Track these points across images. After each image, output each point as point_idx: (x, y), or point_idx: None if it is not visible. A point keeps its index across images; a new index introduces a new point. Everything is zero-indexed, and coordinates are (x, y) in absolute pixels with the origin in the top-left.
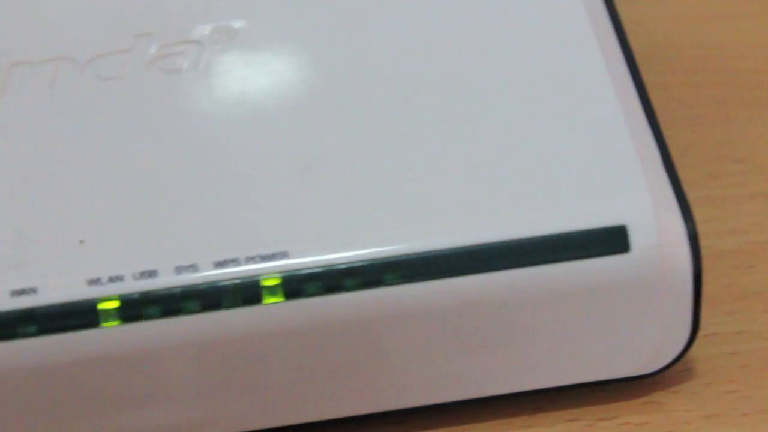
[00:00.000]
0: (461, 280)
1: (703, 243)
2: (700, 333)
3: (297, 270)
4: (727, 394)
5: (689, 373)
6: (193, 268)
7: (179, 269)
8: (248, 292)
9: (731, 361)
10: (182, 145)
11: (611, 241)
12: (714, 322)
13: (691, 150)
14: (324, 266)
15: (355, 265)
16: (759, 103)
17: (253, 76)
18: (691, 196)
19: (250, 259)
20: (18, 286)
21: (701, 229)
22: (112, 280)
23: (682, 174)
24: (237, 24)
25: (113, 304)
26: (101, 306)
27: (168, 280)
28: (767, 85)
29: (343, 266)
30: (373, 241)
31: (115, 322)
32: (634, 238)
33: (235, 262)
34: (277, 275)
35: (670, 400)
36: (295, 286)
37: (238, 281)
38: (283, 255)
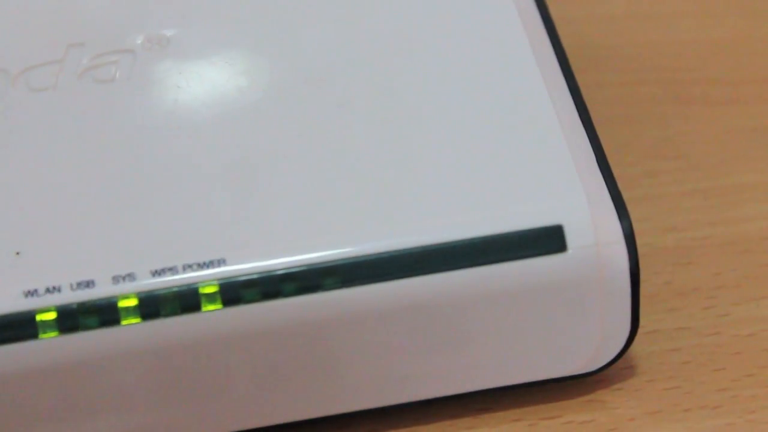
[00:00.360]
0: (399, 284)
1: (642, 241)
2: (641, 331)
3: (235, 277)
4: (668, 390)
5: (631, 370)
6: (131, 277)
7: (116, 279)
8: (187, 300)
9: (672, 358)
10: (117, 155)
11: (548, 241)
12: (654, 320)
13: (627, 149)
14: (262, 272)
15: (293, 270)
16: (694, 101)
17: (186, 84)
18: (629, 194)
19: (188, 267)
20: None
21: (639, 227)
22: (49, 291)
23: (619, 173)
24: (169, 32)
25: (51, 315)
26: (39, 317)
27: (106, 289)
28: (701, 82)
29: (281, 272)
30: (311, 246)
31: (53, 333)
32: (571, 237)
33: (172, 270)
34: (215, 282)
35: (613, 398)
36: (234, 292)
37: (176, 289)
38: (221, 262)
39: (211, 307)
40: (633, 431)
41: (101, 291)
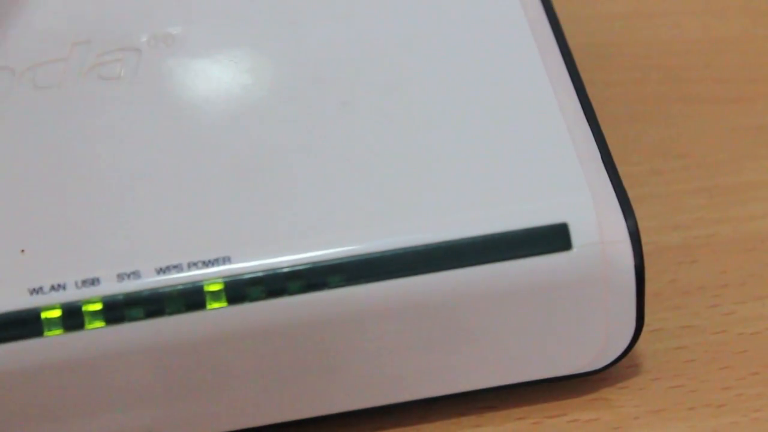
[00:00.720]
0: (405, 282)
1: (647, 239)
2: (646, 329)
3: (240, 275)
4: (673, 388)
5: (636, 369)
6: (136, 275)
7: (122, 276)
8: (192, 298)
9: (677, 356)
10: (121, 153)
11: (553, 239)
12: (659, 318)
13: (633, 147)
14: (267, 270)
15: (298, 268)
16: (699, 99)
17: (191, 82)
18: (635, 192)
19: (193, 265)
20: None
21: (645, 225)
22: (54, 288)
23: (625, 171)
24: (174, 30)
25: (56, 313)
26: (45, 315)
27: (111, 287)
28: (707, 80)
29: (285, 270)
30: (316, 244)
31: (58, 331)
32: (576, 235)
33: (177, 268)
34: (220, 280)
35: (618, 396)
36: (239, 290)
37: (180, 287)
38: (226, 260)
39: (216, 305)
40: (637, 429)
41: (106, 288)
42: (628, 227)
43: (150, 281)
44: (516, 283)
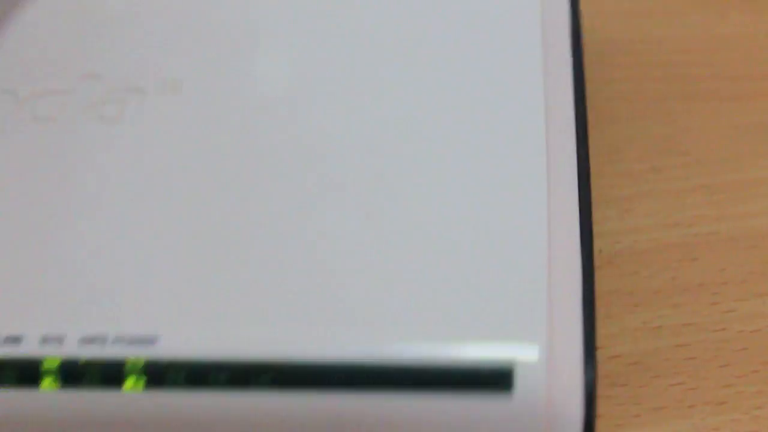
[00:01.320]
0: (329, 395)
1: (648, 237)
2: (647, 325)
3: (162, 359)
4: (673, 386)
5: (636, 366)
6: (58, 340)
7: (45, 339)
8: (109, 374)
9: (677, 354)
10: (82, 203)
11: (494, 379)
12: (659, 315)
13: (634, 144)
14: (190, 359)
15: (223, 362)
16: (700, 97)
17: (182, 134)
18: (635, 190)
19: (118, 340)
20: None
21: (645, 222)
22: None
23: (625, 168)
24: (182, 76)
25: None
26: None
27: (32, 348)
28: (708, 78)
29: (209, 362)
30: (247, 342)
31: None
32: (520, 379)
33: (101, 339)
34: (142, 360)
35: (618, 394)
36: (159, 375)
37: (101, 360)
38: (153, 339)
39: (133, 386)
40: (638, 427)
41: (27, 349)
42: (585, 377)
43: (71, 350)
44: (446, 419)
